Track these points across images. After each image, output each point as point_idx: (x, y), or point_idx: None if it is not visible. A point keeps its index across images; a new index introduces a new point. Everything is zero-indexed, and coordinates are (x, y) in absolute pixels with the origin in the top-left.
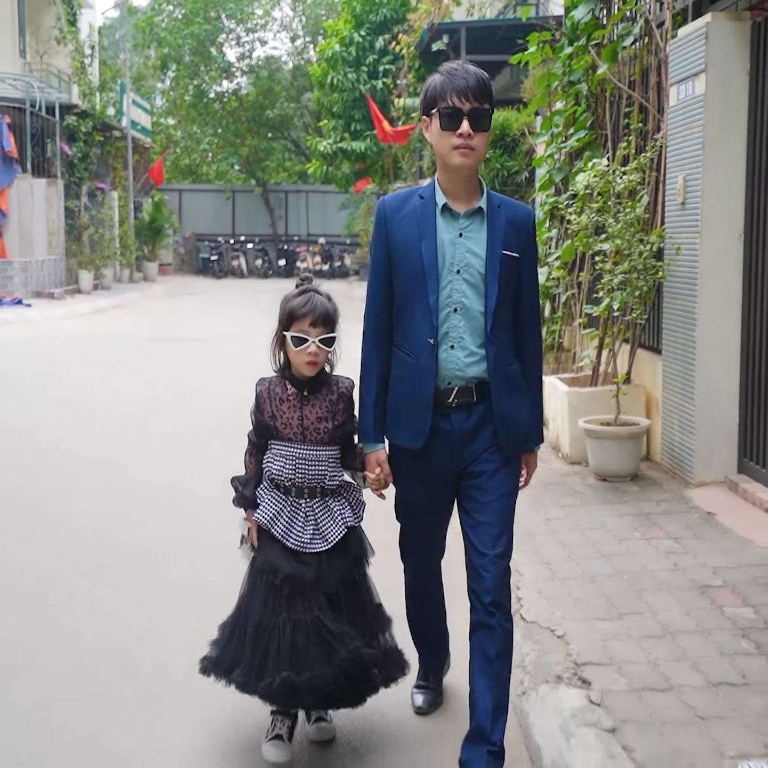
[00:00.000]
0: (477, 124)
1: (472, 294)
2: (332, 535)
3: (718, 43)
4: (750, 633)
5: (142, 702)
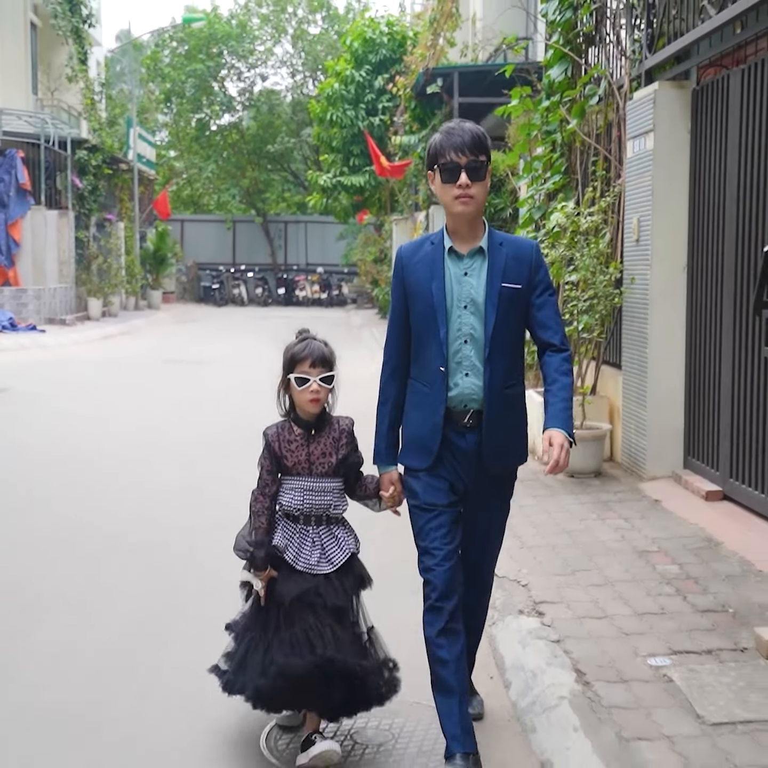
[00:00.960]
0: (474, 175)
1: (479, 326)
2: (337, 559)
3: (664, 107)
4: (673, 582)
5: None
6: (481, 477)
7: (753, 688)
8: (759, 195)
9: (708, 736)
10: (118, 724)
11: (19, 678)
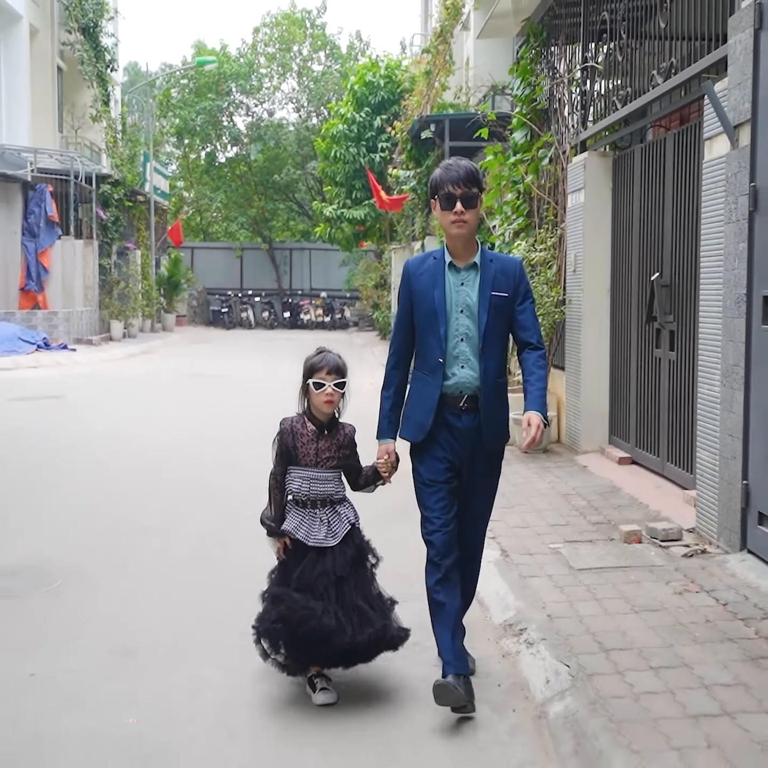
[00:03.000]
0: (467, 204)
1: (473, 327)
2: (341, 532)
3: (591, 170)
4: (579, 509)
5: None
6: (475, 453)
7: (608, 554)
8: (652, 239)
9: (574, 575)
10: (209, 603)
11: (134, 571)
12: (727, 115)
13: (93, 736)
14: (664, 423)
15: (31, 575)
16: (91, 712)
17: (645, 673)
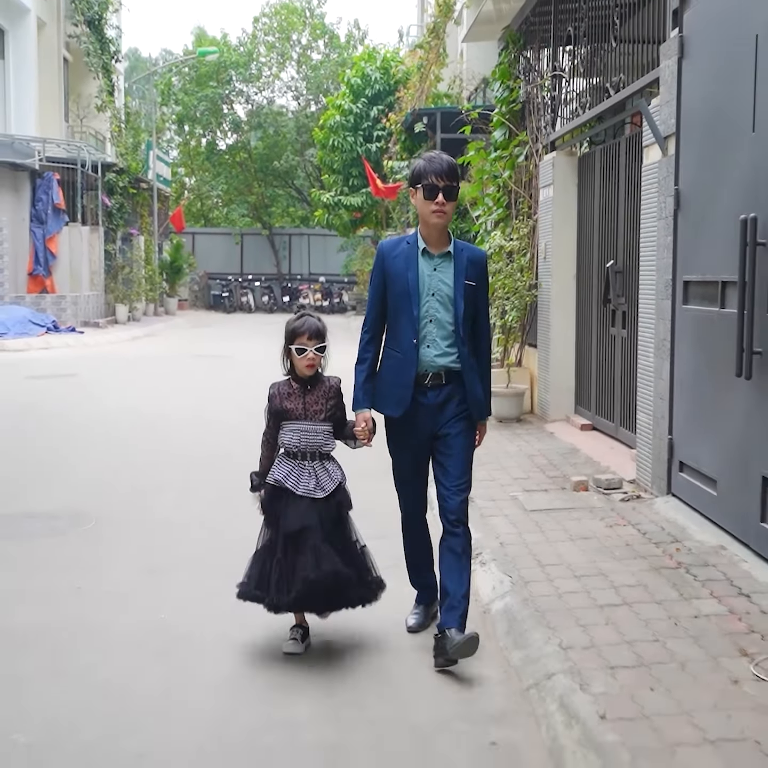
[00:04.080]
0: (448, 196)
1: (442, 310)
2: (328, 487)
3: (559, 168)
4: (541, 467)
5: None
6: (440, 426)
7: (557, 499)
8: (608, 230)
9: (526, 514)
10: (221, 537)
11: (155, 517)
12: (658, 127)
13: (134, 626)
14: (618, 392)
15: (69, 518)
16: (129, 612)
17: (569, 580)
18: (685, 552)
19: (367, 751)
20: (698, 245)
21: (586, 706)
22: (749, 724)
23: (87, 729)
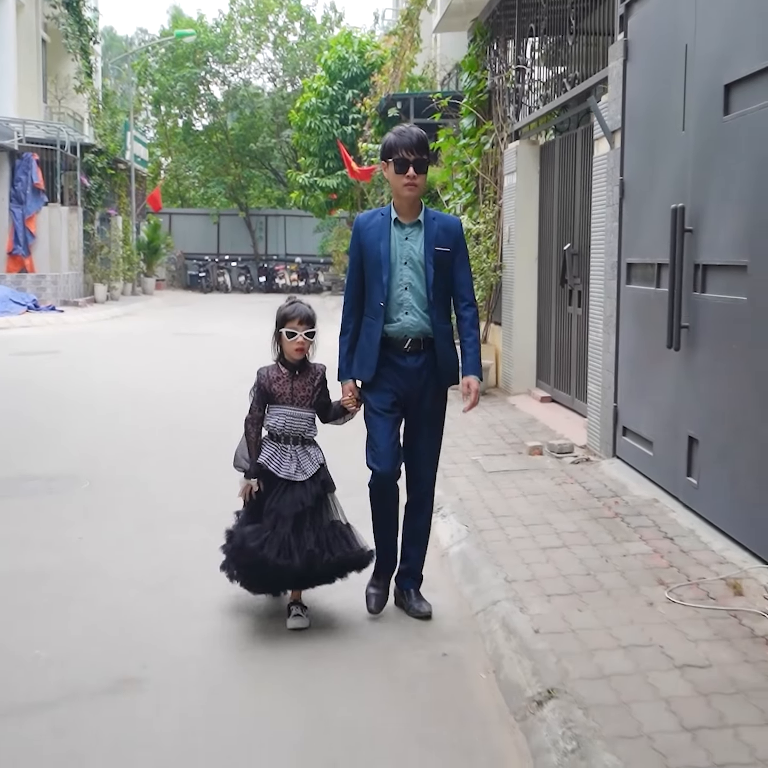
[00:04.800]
0: (419, 169)
1: (416, 277)
2: (309, 470)
3: (522, 156)
4: (501, 435)
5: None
6: (419, 391)
7: (514, 462)
8: (566, 215)
9: (485, 475)
10: (207, 493)
11: (146, 479)
12: (606, 123)
13: (131, 567)
14: (574, 367)
15: (65, 480)
16: (127, 556)
17: (518, 528)
18: (622, 504)
19: (339, 659)
20: (639, 231)
21: (523, 624)
22: (656, 634)
23: (95, 646)
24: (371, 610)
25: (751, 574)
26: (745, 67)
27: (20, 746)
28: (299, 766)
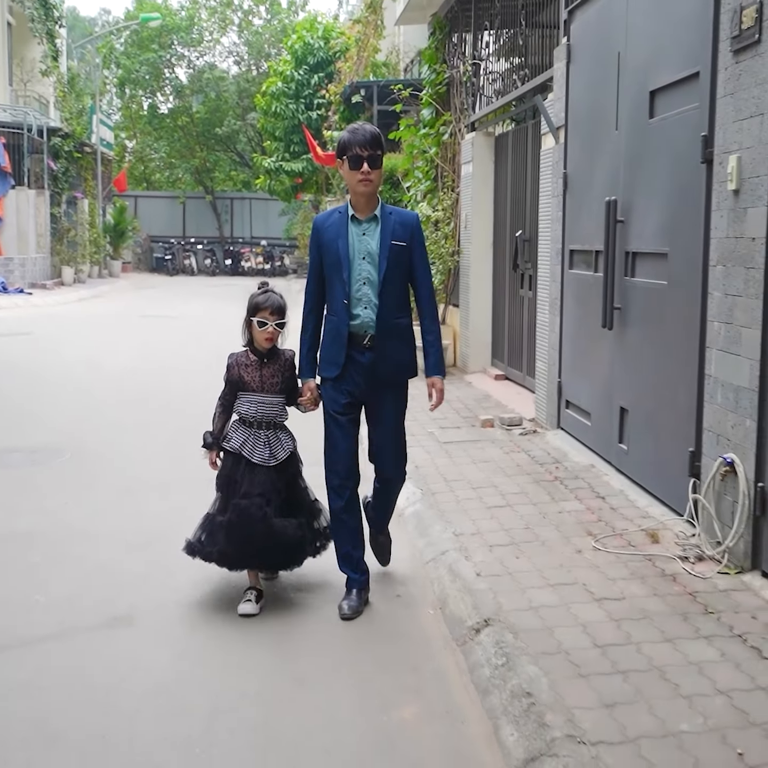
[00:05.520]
0: (373, 164)
1: (374, 272)
2: (281, 455)
3: (478, 146)
4: (457, 410)
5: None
6: (379, 385)
7: (467, 433)
8: (518, 204)
9: (440, 445)
10: (182, 463)
11: (123, 450)
12: (552, 120)
13: (117, 529)
14: (525, 346)
15: (47, 452)
16: (112, 520)
17: (467, 490)
18: (562, 470)
19: (305, 605)
20: (579, 220)
21: (467, 569)
22: (581, 575)
23: (88, 592)
24: (344, 614)
25: (668, 525)
26: (667, 77)
27: (32, 668)
28: (271, 680)
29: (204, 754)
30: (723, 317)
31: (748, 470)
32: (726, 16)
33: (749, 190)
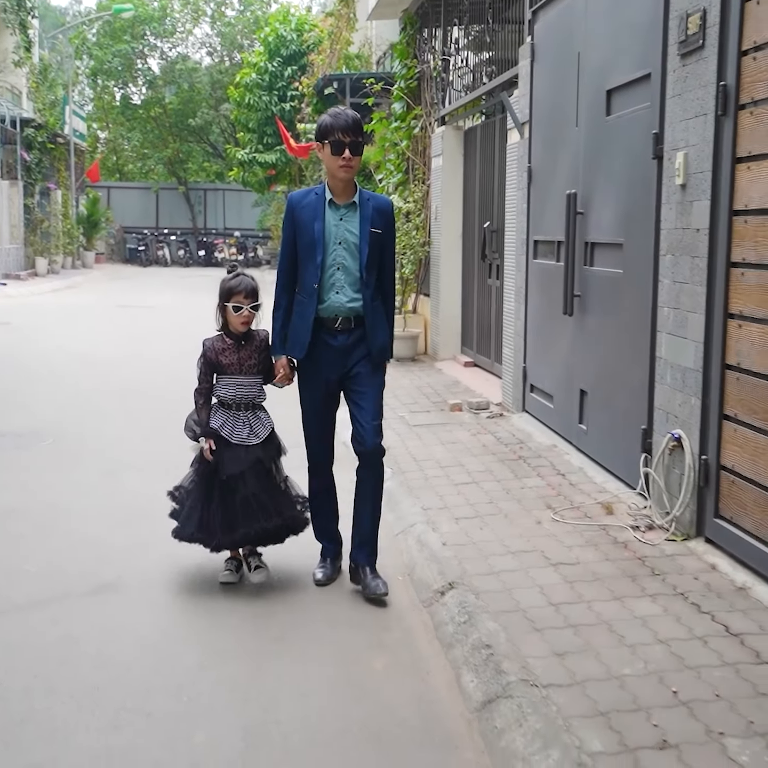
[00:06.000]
0: (354, 151)
1: (349, 258)
2: (262, 434)
3: (447, 140)
4: (426, 394)
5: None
6: (352, 367)
7: (436, 417)
8: (486, 196)
9: (411, 428)
10: (162, 446)
11: (105, 436)
12: (517, 115)
13: (100, 505)
14: (493, 334)
15: (31, 436)
16: (94, 497)
17: (435, 469)
18: (526, 449)
19: (280, 570)
20: (543, 212)
21: (434, 540)
22: (540, 543)
23: (76, 563)
24: (318, 581)
25: (622, 499)
26: (621, 77)
27: (25, 633)
28: (251, 639)
29: (192, 702)
30: (671, 303)
31: (694, 445)
32: (674, 22)
33: (694, 184)
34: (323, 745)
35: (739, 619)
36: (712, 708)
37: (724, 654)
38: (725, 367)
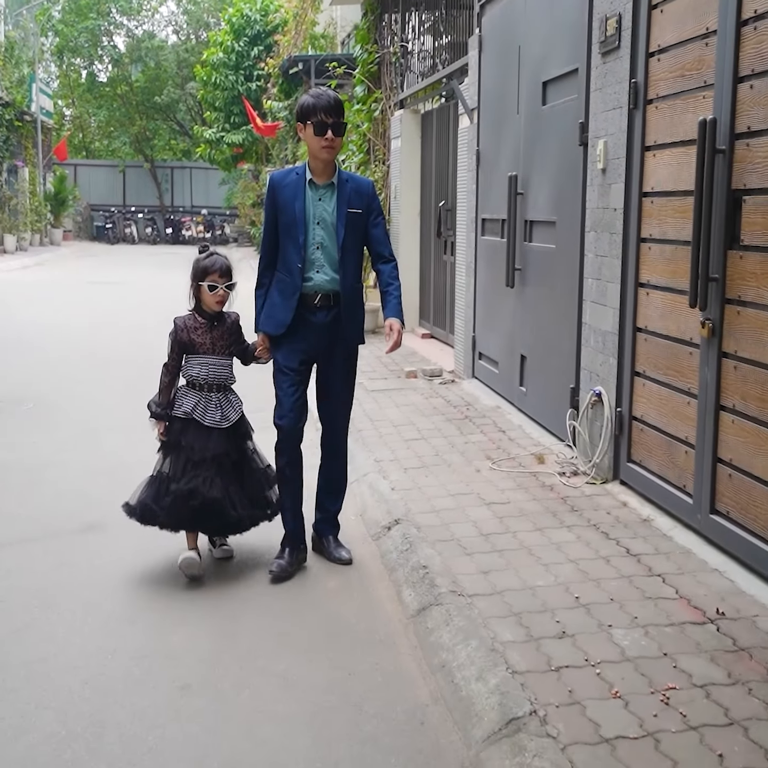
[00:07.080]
0: (337, 132)
1: (328, 238)
2: (233, 417)
3: (406, 123)
4: (387, 365)
5: None
6: (330, 345)
7: (392, 383)
8: (441, 176)
9: (368, 393)
10: (135, 406)
11: (82, 402)
12: (467, 102)
13: (83, 461)
14: (448, 307)
15: (11, 402)
16: (76, 453)
17: (389, 428)
18: (472, 410)
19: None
20: (489, 192)
21: (384, 486)
22: (477, 487)
23: (65, 506)
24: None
25: (553, 450)
26: (554, 70)
27: (22, 562)
28: (224, 563)
29: (169, 610)
30: (594, 274)
31: (611, 399)
32: (596, 23)
33: (612, 169)
34: (284, 645)
35: (639, 544)
36: (605, 608)
37: (622, 569)
38: (636, 330)
